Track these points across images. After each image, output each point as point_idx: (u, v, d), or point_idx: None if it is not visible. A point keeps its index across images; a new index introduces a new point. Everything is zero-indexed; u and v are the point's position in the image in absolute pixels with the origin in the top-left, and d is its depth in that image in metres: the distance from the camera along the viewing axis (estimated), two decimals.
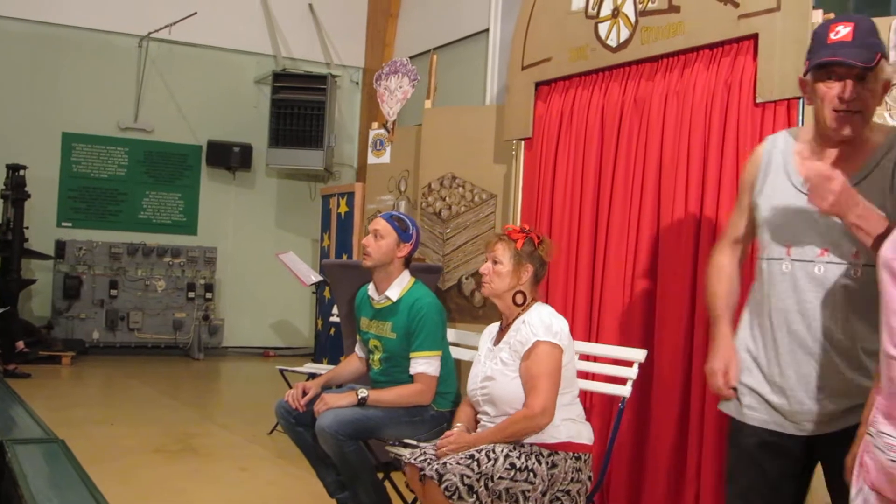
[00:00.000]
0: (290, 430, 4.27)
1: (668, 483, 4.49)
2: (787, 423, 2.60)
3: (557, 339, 3.48)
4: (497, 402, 3.54)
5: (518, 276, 3.61)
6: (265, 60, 11.50)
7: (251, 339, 11.51)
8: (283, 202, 11.73)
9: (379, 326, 4.25)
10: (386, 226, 4.25)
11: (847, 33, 2.48)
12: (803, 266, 2.55)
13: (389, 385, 4.17)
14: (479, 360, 3.70)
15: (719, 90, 4.44)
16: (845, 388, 2.49)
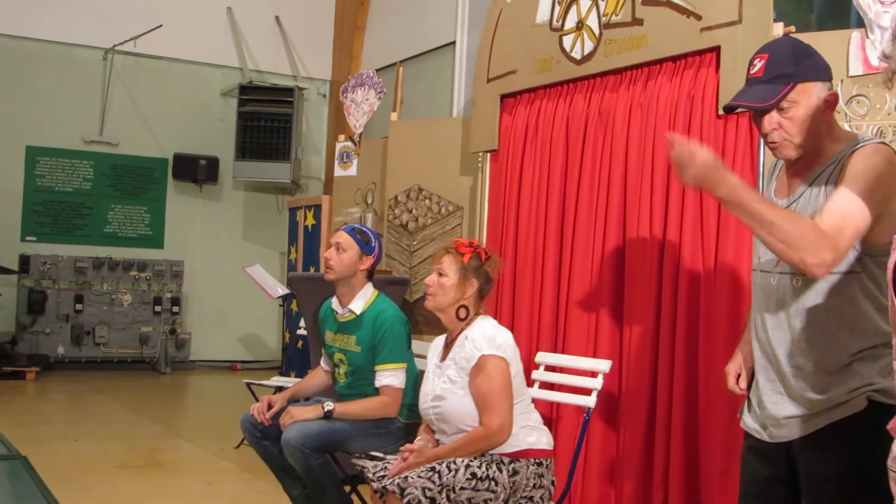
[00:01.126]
0: (255, 443, 4.25)
1: (636, 490, 4.52)
2: (762, 431, 2.64)
3: (502, 351, 3.48)
4: (450, 421, 3.55)
5: (462, 290, 3.61)
6: (231, 73, 11.46)
7: (218, 353, 11.44)
8: (251, 215, 11.68)
9: (343, 340, 4.24)
10: (348, 239, 4.24)
11: (759, 68, 2.52)
12: (765, 276, 2.60)
13: (356, 397, 4.16)
14: (428, 377, 3.70)
15: (682, 102, 4.48)
16: (799, 395, 2.51)
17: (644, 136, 4.62)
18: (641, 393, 4.50)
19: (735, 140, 4.27)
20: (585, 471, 4.68)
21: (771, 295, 2.58)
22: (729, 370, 2.87)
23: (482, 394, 3.45)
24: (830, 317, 2.45)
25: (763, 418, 2.63)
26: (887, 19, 3.92)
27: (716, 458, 4.18)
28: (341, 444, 4.05)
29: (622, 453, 4.58)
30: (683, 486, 4.31)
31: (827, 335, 2.46)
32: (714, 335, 4.22)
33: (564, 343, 4.88)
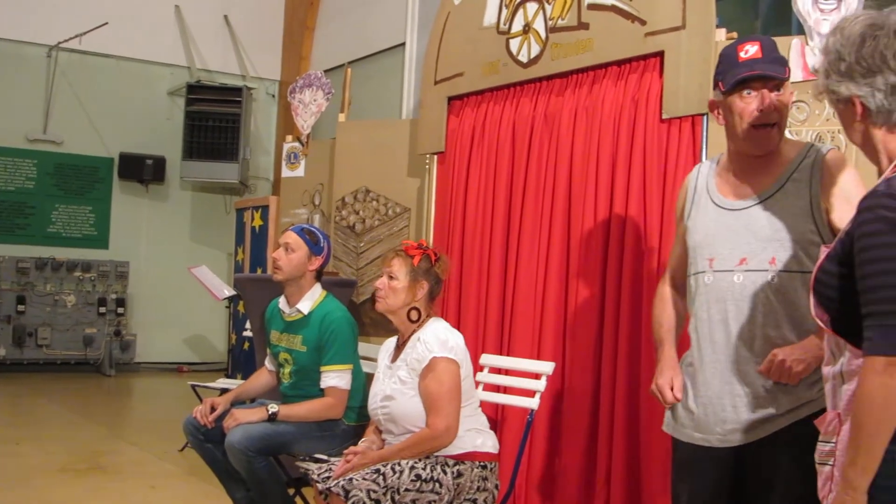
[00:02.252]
0: (198, 446, 4.21)
1: (578, 492, 4.54)
2: (711, 437, 2.63)
3: (453, 353, 3.49)
4: (398, 421, 3.55)
5: (413, 293, 3.61)
6: (179, 72, 11.35)
7: (164, 355, 11.32)
8: (198, 215, 11.58)
9: (289, 339, 4.22)
10: (297, 239, 4.22)
11: (756, 51, 2.60)
12: (724, 276, 2.61)
13: (300, 399, 4.14)
14: (378, 378, 3.70)
15: (627, 106, 4.52)
16: (765, 396, 2.53)
17: (589, 140, 4.65)
18: (585, 395, 4.53)
19: (678, 144, 4.32)
20: (529, 472, 4.70)
21: (734, 294, 2.59)
22: (661, 384, 2.81)
23: (430, 395, 3.46)
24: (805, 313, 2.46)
25: (712, 423, 2.62)
26: (826, 26, 3.98)
27: (657, 459, 4.21)
28: (285, 446, 4.03)
29: (565, 455, 4.60)
30: (625, 488, 4.34)
31: (801, 330, 2.51)
32: None
33: (510, 345, 4.90)
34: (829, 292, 1.95)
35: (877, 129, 1.99)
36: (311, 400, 4.11)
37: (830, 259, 1.97)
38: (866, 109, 1.98)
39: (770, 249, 2.56)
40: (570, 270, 4.69)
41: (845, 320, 1.93)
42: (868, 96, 1.97)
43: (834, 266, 1.95)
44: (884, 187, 1.89)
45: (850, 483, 1.84)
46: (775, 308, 2.53)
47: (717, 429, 2.61)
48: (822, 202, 2.54)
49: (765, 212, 2.59)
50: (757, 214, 2.61)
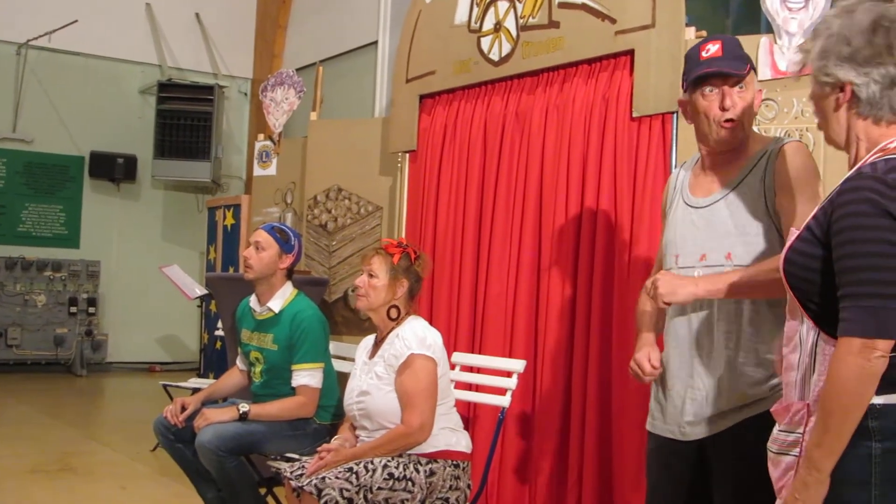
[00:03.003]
0: (169, 447, 4.19)
1: (550, 490, 4.55)
2: (675, 430, 2.66)
3: (431, 351, 3.50)
4: (373, 417, 3.54)
5: (393, 291, 3.62)
6: (150, 70, 11.28)
7: (136, 355, 11.25)
8: (170, 214, 11.52)
9: (260, 338, 4.21)
10: (267, 237, 4.21)
11: (716, 50, 2.64)
12: (687, 272, 2.64)
13: (271, 398, 4.12)
14: (356, 374, 3.70)
15: (597, 104, 4.53)
16: (723, 391, 2.55)
17: (560, 138, 4.66)
18: (556, 392, 4.54)
19: (648, 142, 4.33)
20: (501, 471, 4.71)
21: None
22: (638, 358, 2.83)
23: (407, 391, 3.46)
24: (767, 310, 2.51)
25: (676, 417, 2.65)
26: (794, 25, 4.01)
27: (629, 456, 4.23)
28: (257, 446, 4.01)
29: (537, 453, 4.61)
30: (597, 485, 4.35)
31: (763, 327, 2.52)
32: (627, 334, 4.27)
33: (481, 343, 4.90)
34: (803, 273, 1.94)
35: (860, 120, 2.00)
36: (282, 399, 4.10)
37: (804, 240, 1.96)
38: (854, 98, 1.99)
39: (727, 244, 2.58)
40: (541, 268, 4.70)
41: (822, 304, 1.92)
42: (863, 85, 1.97)
43: (811, 247, 1.94)
44: (870, 170, 1.89)
45: (815, 464, 1.84)
46: (731, 303, 2.55)
47: (680, 422, 2.65)
48: (774, 193, 2.56)
49: (725, 208, 2.62)
50: (717, 210, 2.64)
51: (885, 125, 1.99)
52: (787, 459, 1.97)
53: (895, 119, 1.99)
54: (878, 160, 1.91)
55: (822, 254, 1.91)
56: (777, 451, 2.01)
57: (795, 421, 1.96)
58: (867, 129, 2.00)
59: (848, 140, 2.04)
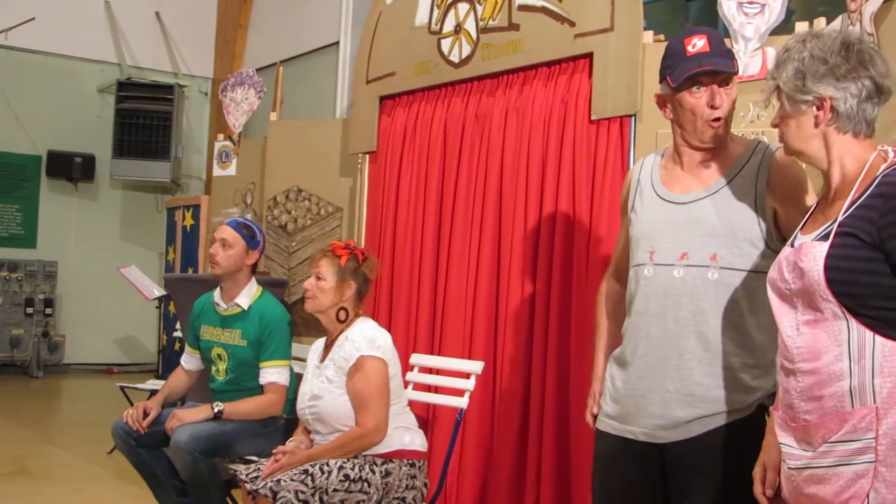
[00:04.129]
0: (129, 451, 4.13)
1: (509, 490, 4.57)
2: (636, 429, 2.60)
3: (381, 352, 3.50)
4: (326, 420, 3.54)
5: (341, 293, 3.62)
6: (109, 69, 11.16)
7: (94, 356, 11.13)
8: (129, 214, 11.40)
9: (226, 334, 4.18)
10: (233, 234, 4.19)
11: (703, 44, 2.56)
12: (664, 269, 2.57)
13: (237, 394, 4.10)
14: (307, 378, 3.70)
15: (556, 107, 4.56)
16: (697, 396, 2.50)
17: (519, 140, 4.68)
18: (515, 393, 4.56)
19: (607, 145, 4.36)
20: (460, 472, 4.71)
21: (674, 289, 2.56)
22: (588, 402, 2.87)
23: (359, 394, 3.47)
24: (744, 312, 2.49)
25: (639, 417, 2.59)
26: (751, 30, 4.06)
27: (587, 457, 4.23)
28: (231, 446, 3.98)
29: (496, 454, 4.63)
30: (555, 485, 4.37)
31: (739, 330, 2.49)
32: (585, 336, 4.29)
33: (441, 345, 4.91)
34: (853, 278, 1.97)
35: (840, 135, 2.10)
36: (252, 397, 4.07)
37: (848, 246, 1.99)
38: (834, 113, 2.08)
39: (712, 245, 2.52)
40: (500, 269, 4.72)
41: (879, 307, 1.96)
42: (841, 100, 2.07)
43: (859, 251, 1.97)
44: None
45: None
46: (713, 305, 2.51)
47: (644, 422, 2.58)
48: (769, 201, 2.51)
49: (710, 207, 2.56)
50: (702, 209, 2.57)
51: (862, 138, 2.10)
52: (852, 469, 1.96)
53: (870, 133, 2.10)
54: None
55: (873, 256, 1.96)
56: (834, 464, 1.99)
57: (862, 427, 1.95)
58: (849, 144, 2.09)
59: (829, 156, 2.12)
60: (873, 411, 1.93)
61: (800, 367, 2.05)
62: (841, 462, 1.97)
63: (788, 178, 2.50)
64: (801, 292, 2.05)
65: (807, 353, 2.03)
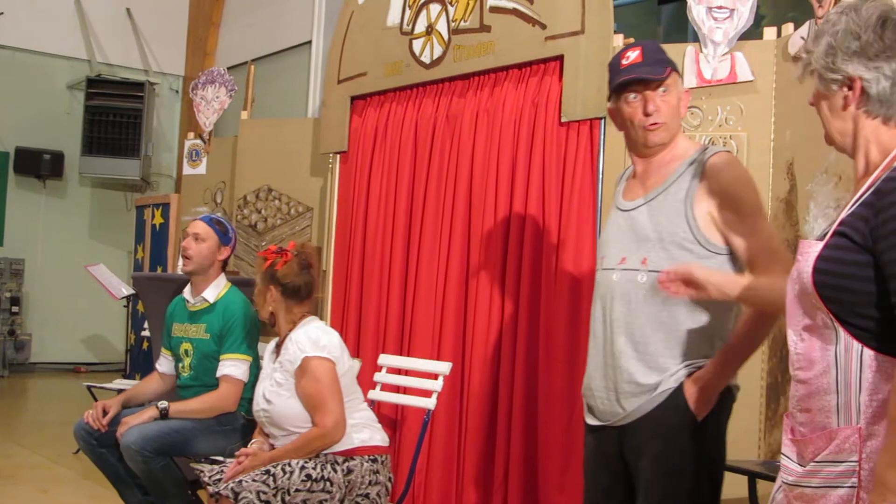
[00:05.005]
0: (91, 451, 4.10)
1: (477, 490, 4.57)
2: (597, 423, 2.70)
3: (326, 352, 3.49)
4: (278, 423, 3.54)
5: (264, 298, 3.63)
6: (79, 65, 11.07)
7: (61, 355, 11.03)
8: (97, 212, 11.31)
9: (193, 329, 4.16)
10: (206, 229, 4.18)
11: (636, 56, 2.66)
12: (607, 274, 2.67)
13: (201, 389, 4.06)
14: (262, 379, 3.70)
15: (527, 108, 4.57)
16: (630, 391, 2.58)
17: (490, 141, 4.69)
18: (484, 394, 4.57)
19: (577, 147, 4.38)
20: (428, 472, 4.72)
21: (612, 292, 2.64)
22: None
23: (311, 395, 3.46)
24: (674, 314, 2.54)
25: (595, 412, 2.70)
26: (720, 34, 4.08)
27: (554, 457, 4.27)
28: (184, 444, 3.92)
29: (465, 454, 4.63)
30: (523, 485, 4.39)
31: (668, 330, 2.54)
32: (554, 336, 4.32)
33: (410, 345, 4.91)
34: (840, 283, 1.78)
35: (869, 119, 1.89)
36: (201, 395, 4.04)
37: (838, 247, 1.81)
38: (864, 95, 1.88)
39: (644, 249, 2.60)
40: (470, 271, 4.72)
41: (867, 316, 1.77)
42: (873, 81, 1.86)
43: (849, 254, 1.79)
44: None
45: (891, 488, 1.67)
46: (643, 307, 2.58)
47: (598, 415, 2.69)
48: (704, 205, 2.54)
49: (645, 213, 2.64)
50: (640, 215, 2.66)
51: (893, 125, 1.89)
52: (838, 493, 1.81)
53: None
54: None
55: (864, 260, 1.77)
56: (821, 485, 1.85)
57: (846, 449, 1.80)
58: (877, 130, 1.89)
59: (855, 143, 1.93)
60: (857, 432, 1.79)
61: (796, 375, 1.91)
62: (827, 484, 1.83)
63: (720, 182, 2.53)
64: (799, 294, 1.89)
65: (803, 360, 1.89)
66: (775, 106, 3.95)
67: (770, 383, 3.83)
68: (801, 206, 3.78)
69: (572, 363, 4.26)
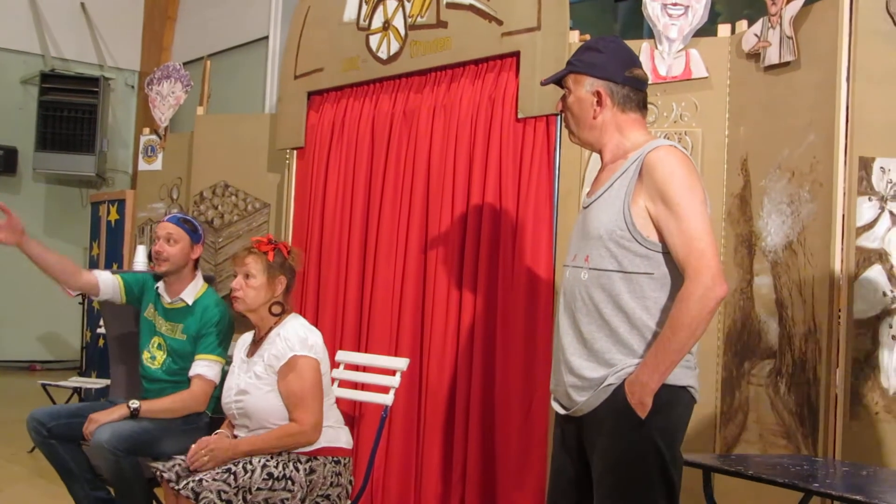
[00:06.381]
0: (42, 443, 4.07)
1: (435, 488, 4.58)
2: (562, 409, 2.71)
3: (313, 352, 3.50)
4: (252, 416, 3.52)
5: (273, 289, 3.60)
6: (32, 60, 10.91)
7: (16, 353, 10.88)
8: (52, 209, 11.17)
9: (167, 326, 4.14)
10: (177, 229, 4.16)
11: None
12: (565, 270, 2.72)
13: (173, 387, 4.04)
14: (233, 372, 3.66)
15: (484, 104, 4.58)
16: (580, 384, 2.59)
17: (447, 137, 4.70)
18: (441, 391, 4.57)
19: (533, 143, 4.40)
20: (386, 469, 4.71)
21: (564, 288, 2.70)
22: None
23: (294, 393, 3.45)
24: (617, 311, 2.55)
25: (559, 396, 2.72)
26: (675, 31, 4.12)
27: (512, 453, 4.29)
28: (154, 444, 3.90)
29: (423, 451, 4.63)
30: (481, 482, 4.40)
31: (610, 328, 2.55)
32: (510, 331, 4.34)
33: (368, 342, 4.90)
34: None
35: None
36: (172, 394, 4.02)
37: None
38: None
39: (588, 247, 2.62)
40: (427, 266, 4.73)
41: None
42: None
43: None
44: None
45: None
46: (585, 304, 2.60)
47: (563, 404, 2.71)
48: (641, 201, 2.54)
49: (593, 211, 2.65)
50: (589, 213, 2.68)
51: None
52: None
53: None
54: None
55: None
56: None
57: None
58: None
59: None
60: None
61: None
62: None
63: (652, 176, 2.52)
64: None
65: None
66: (729, 102, 3.99)
67: (725, 377, 3.87)
68: (754, 202, 3.82)
69: (529, 358, 4.28)
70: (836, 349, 3.40)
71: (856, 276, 3.42)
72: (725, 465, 2.99)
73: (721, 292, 2.41)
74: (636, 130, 2.71)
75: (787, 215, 3.66)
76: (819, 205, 3.51)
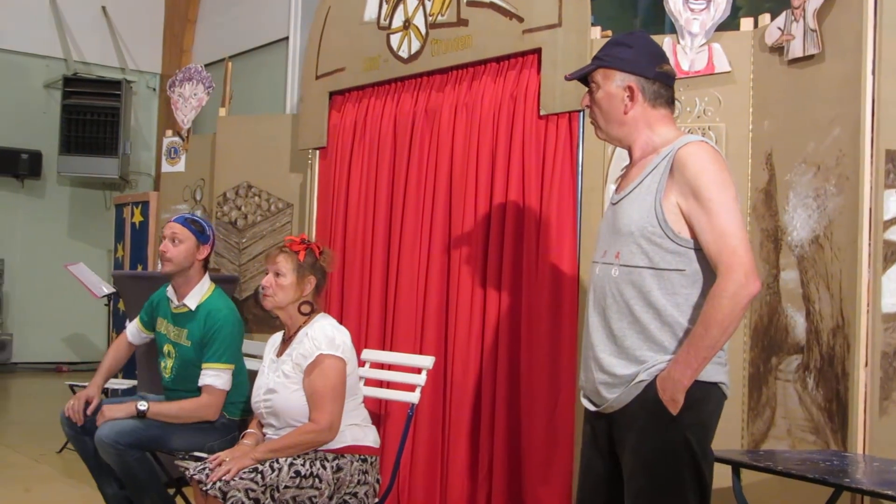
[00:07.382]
0: (75, 440, 4.11)
1: (462, 484, 4.58)
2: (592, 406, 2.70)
3: (340, 351, 3.51)
4: (280, 415, 3.54)
5: (302, 288, 3.62)
6: (55, 64, 11.00)
7: (43, 355, 10.97)
8: (76, 212, 11.26)
9: (175, 332, 4.14)
10: (183, 229, 4.14)
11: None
12: (594, 266, 2.70)
13: (184, 394, 4.05)
14: (263, 372, 3.68)
15: (505, 102, 4.58)
16: (610, 381, 2.59)
17: (469, 135, 4.70)
18: (467, 388, 4.58)
19: (556, 140, 4.39)
20: (412, 467, 4.72)
21: (594, 284, 2.68)
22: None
23: (315, 391, 3.46)
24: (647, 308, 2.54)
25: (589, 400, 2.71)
26: (697, 26, 4.10)
27: (538, 450, 4.29)
28: (160, 439, 3.92)
29: (448, 449, 4.64)
30: (507, 479, 4.40)
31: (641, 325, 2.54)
32: (536, 328, 4.33)
33: (392, 340, 4.91)
34: None
35: None
36: (182, 400, 4.01)
37: None
38: None
39: (618, 244, 2.61)
40: (451, 264, 4.73)
41: None
42: None
43: None
44: None
45: None
46: (615, 301, 2.59)
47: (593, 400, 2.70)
48: (673, 197, 2.53)
49: (623, 207, 2.64)
50: (619, 209, 2.66)
51: None
52: None
53: None
54: None
55: None
56: None
57: None
58: None
59: None
60: None
61: None
62: None
63: (684, 173, 2.50)
64: None
65: None
66: (753, 97, 3.97)
67: (752, 373, 3.86)
68: (780, 196, 3.80)
69: (554, 355, 4.28)
70: (865, 344, 3.37)
71: (884, 270, 3.39)
72: (755, 461, 2.97)
73: (754, 289, 2.39)
74: (666, 126, 2.69)
75: (814, 209, 3.64)
76: (845, 198, 3.48)
